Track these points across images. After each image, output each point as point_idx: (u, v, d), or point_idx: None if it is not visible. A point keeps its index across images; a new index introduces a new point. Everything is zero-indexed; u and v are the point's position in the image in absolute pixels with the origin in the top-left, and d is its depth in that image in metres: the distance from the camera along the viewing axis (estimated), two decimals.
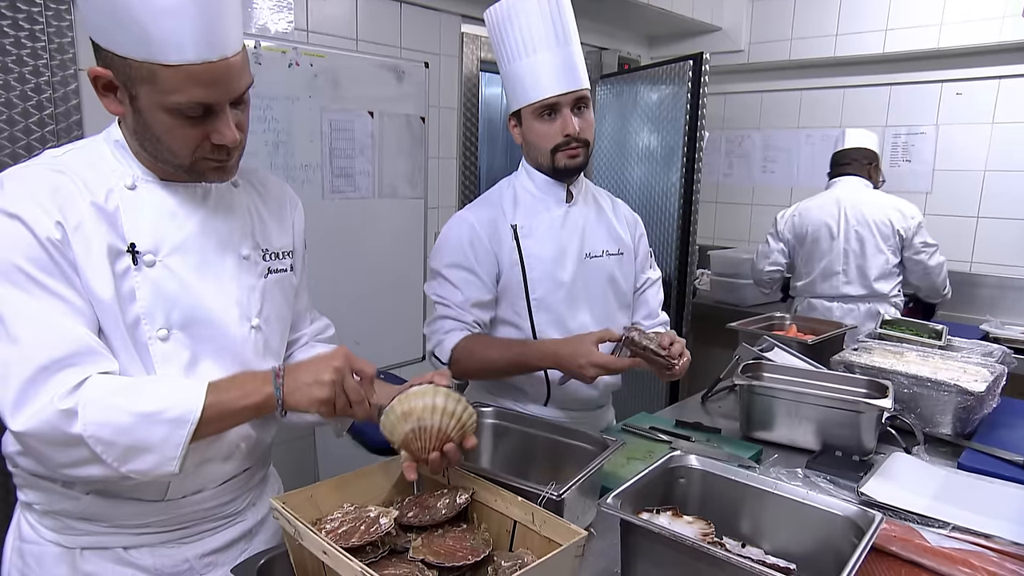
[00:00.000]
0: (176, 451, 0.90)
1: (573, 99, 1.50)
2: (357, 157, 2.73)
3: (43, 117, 1.91)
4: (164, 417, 0.89)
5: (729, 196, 4.24)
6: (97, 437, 0.87)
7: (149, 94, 0.90)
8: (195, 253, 1.02)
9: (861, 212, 2.86)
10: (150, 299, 0.98)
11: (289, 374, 0.97)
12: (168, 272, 0.99)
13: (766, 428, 1.66)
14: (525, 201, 1.61)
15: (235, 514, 1.15)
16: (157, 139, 0.95)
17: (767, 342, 2.01)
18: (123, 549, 1.04)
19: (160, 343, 0.99)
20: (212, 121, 0.94)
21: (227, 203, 1.09)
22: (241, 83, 0.95)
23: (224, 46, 0.91)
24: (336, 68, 2.59)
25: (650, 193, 3.34)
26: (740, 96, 4.07)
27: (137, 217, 0.98)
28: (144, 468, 0.90)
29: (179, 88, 0.89)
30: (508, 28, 1.50)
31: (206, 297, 1.03)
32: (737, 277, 3.59)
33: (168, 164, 0.98)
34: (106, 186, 0.97)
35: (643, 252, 1.77)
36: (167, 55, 0.87)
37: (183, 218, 1.02)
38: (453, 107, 3.10)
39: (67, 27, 1.92)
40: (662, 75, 3.26)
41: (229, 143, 0.95)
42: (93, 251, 0.93)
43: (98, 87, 0.94)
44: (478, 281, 1.54)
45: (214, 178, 1.02)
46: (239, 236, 1.09)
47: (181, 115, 0.91)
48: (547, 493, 1.06)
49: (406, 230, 2.96)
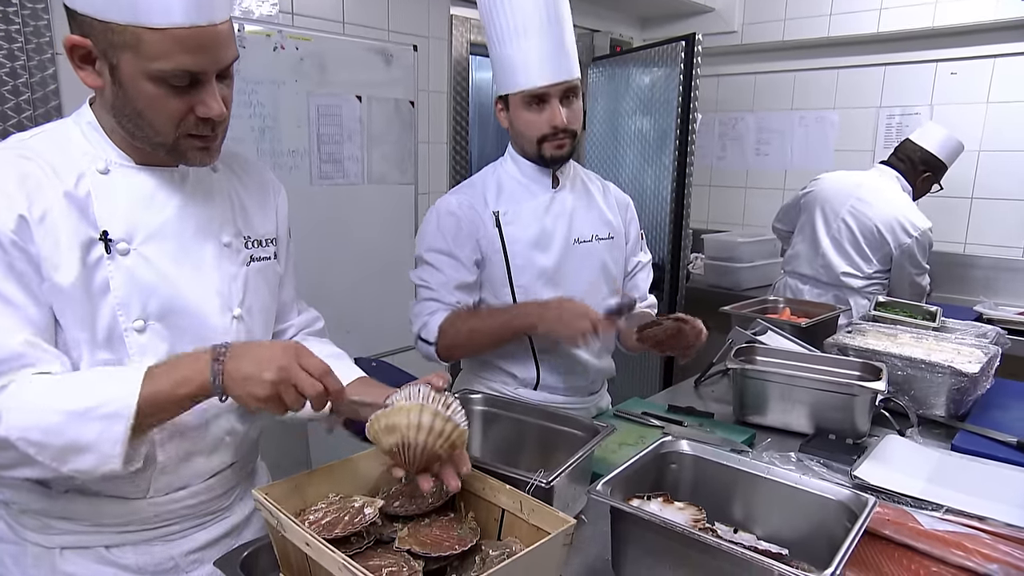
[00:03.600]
0: (115, 448, 0.84)
1: (562, 90, 1.47)
2: (345, 142, 2.69)
3: (19, 103, 1.86)
4: (97, 414, 0.83)
5: (723, 179, 4.21)
6: (27, 439, 0.83)
7: (132, 62, 0.85)
8: (172, 240, 0.98)
9: (864, 210, 2.71)
10: (125, 289, 0.94)
11: (232, 359, 0.86)
12: (143, 261, 0.96)
13: (759, 412, 1.64)
14: (509, 187, 1.58)
15: (222, 510, 1.12)
16: (138, 114, 0.90)
17: (760, 325, 2.00)
18: (105, 548, 1.02)
19: (136, 334, 0.95)
20: (198, 92, 0.90)
21: (206, 188, 1.05)
22: (228, 54, 0.91)
23: (212, 11, 0.87)
24: (323, 52, 2.55)
25: (643, 177, 3.31)
26: (733, 78, 4.03)
27: (110, 203, 0.94)
28: (85, 467, 0.85)
29: (165, 54, 0.84)
30: (499, 8, 1.46)
31: (184, 286, 0.99)
32: (731, 261, 3.57)
33: (149, 143, 0.94)
34: (76, 171, 0.93)
35: (634, 235, 1.75)
36: (153, 18, 0.83)
37: (160, 204, 0.98)
38: (443, 91, 3.06)
39: (42, 9, 1.87)
40: (654, 57, 3.22)
41: (215, 116, 0.91)
42: (61, 242, 0.89)
43: (74, 59, 0.89)
44: (459, 264, 1.53)
45: (196, 159, 0.96)
46: (219, 222, 1.05)
47: (166, 84, 0.87)
48: (536, 481, 1.05)
49: (396, 216, 2.93)
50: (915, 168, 2.75)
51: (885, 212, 2.68)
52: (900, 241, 2.64)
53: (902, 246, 2.64)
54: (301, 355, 0.87)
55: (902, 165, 2.78)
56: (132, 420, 0.84)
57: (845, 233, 2.75)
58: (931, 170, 2.75)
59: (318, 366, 0.87)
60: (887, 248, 2.67)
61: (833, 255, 2.78)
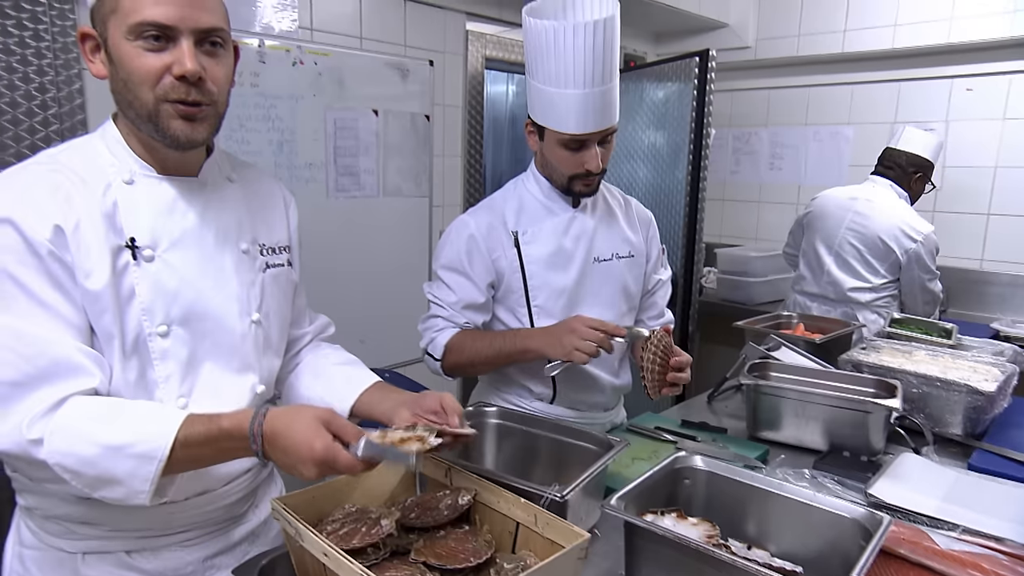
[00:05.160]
0: (145, 485, 0.87)
1: (602, 135, 1.47)
2: (361, 156, 2.73)
3: (47, 117, 1.91)
4: (131, 451, 0.86)
5: (736, 194, 4.21)
6: (62, 466, 0.86)
7: (115, 26, 0.91)
8: (194, 248, 1.01)
9: (864, 223, 2.72)
10: (150, 295, 0.97)
11: (271, 447, 0.88)
12: (167, 267, 0.98)
13: (773, 428, 1.64)
14: (530, 207, 1.59)
15: (238, 516, 1.14)
16: (125, 85, 0.93)
17: (774, 341, 1.99)
18: (125, 553, 1.03)
19: (160, 339, 0.98)
20: (173, 52, 0.92)
21: (223, 197, 1.08)
22: (204, 17, 0.93)
23: None
24: (340, 67, 2.59)
25: (656, 191, 3.32)
26: (747, 93, 4.04)
27: (135, 212, 0.97)
28: (115, 498, 0.88)
29: (138, 7, 0.90)
30: (549, 52, 1.40)
31: (206, 292, 1.02)
32: (744, 275, 3.57)
33: (139, 120, 0.96)
34: (104, 182, 0.96)
35: (655, 253, 1.75)
36: None
37: (181, 212, 1.01)
38: (458, 105, 3.09)
39: (71, 26, 1.92)
40: (668, 72, 3.24)
41: (188, 73, 0.92)
42: (92, 250, 0.92)
43: (85, 50, 0.96)
44: (471, 285, 1.54)
45: (177, 131, 0.95)
46: (237, 230, 1.08)
47: (140, 39, 0.91)
48: (550, 494, 1.05)
49: (411, 229, 2.95)
50: (905, 172, 2.77)
51: (885, 221, 2.69)
52: (905, 247, 2.64)
53: (908, 252, 2.64)
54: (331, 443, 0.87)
55: (891, 172, 2.79)
56: (164, 462, 0.86)
57: (848, 248, 2.76)
58: (920, 170, 2.77)
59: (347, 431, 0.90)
60: (893, 256, 2.67)
61: (838, 272, 2.78)
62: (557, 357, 1.41)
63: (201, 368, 1.03)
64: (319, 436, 0.86)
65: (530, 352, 1.46)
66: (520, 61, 3.41)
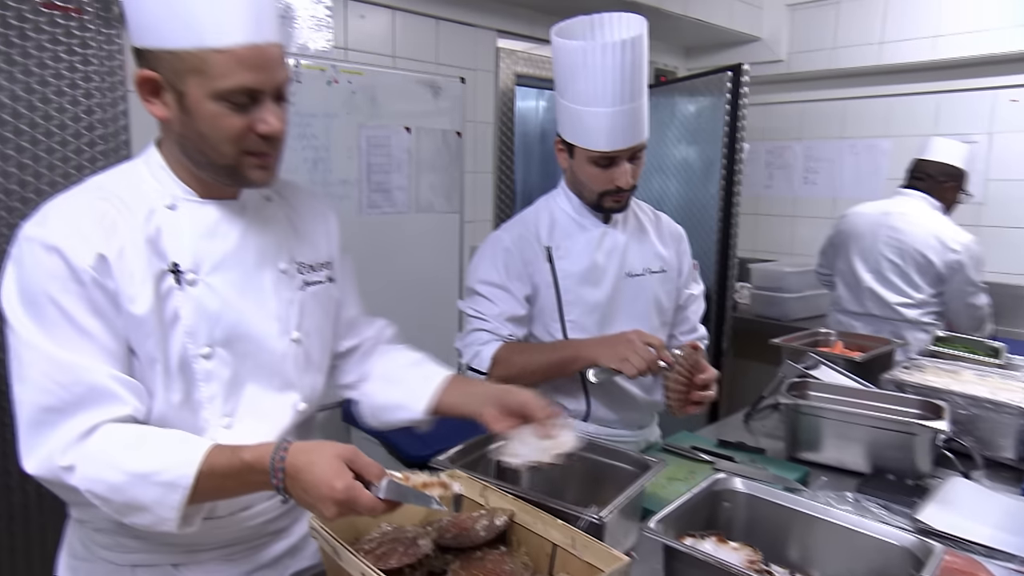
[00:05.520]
0: (171, 513, 0.87)
1: (632, 151, 1.47)
2: (394, 172, 2.75)
3: (93, 138, 1.97)
4: (157, 479, 0.87)
5: (770, 208, 4.16)
6: (93, 492, 0.88)
7: (198, 85, 0.91)
8: (235, 270, 1.03)
9: (900, 237, 2.65)
10: (193, 318, 0.98)
11: (291, 483, 0.87)
12: (209, 290, 1.00)
13: (813, 449, 1.60)
14: (562, 222, 1.59)
15: (280, 531, 1.14)
16: (202, 137, 0.94)
17: (812, 359, 1.95)
18: (172, 566, 1.04)
19: (203, 361, 0.99)
20: (256, 110, 0.94)
21: (263, 218, 1.09)
22: (282, 74, 0.96)
23: (267, 31, 0.93)
24: (373, 85, 2.63)
25: (688, 206, 3.29)
26: (780, 106, 4.00)
27: (178, 237, 0.99)
28: (143, 523, 0.89)
29: (227, 73, 0.90)
30: (578, 72, 1.41)
31: (247, 313, 1.03)
32: (779, 291, 3.51)
33: (211, 168, 0.98)
34: (147, 207, 0.98)
35: (687, 268, 1.74)
36: (217, 39, 0.89)
37: (222, 234, 1.03)
38: (489, 121, 3.11)
39: (117, 51, 1.99)
40: (700, 86, 3.22)
41: (275, 131, 0.95)
42: (136, 276, 0.94)
43: (144, 93, 0.95)
44: (511, 297, 1.54)
45: (256, 178, 0.99)
46: (275, 250, 1.09)
47: (227, 102, 0.92)
48: (588, 516, 1.04)
49: (442, 245, 2.97)
50: (937, 182, 2.69)
51: (921, 233, 2.62)
52: (947, 259, 2.57)
53: (950, 264, 2.56)
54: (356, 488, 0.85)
55: (923, 184, 2.72)
56: (189, 491, 0.87)
57: (886, 265, 2.69)
58: (952, 180, 2.69)
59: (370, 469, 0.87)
60: (934, 269, 2.59)
61: (880, 288, 2.72)
62: (609, 364, 1.39)
63: (244, 388, 1.04)
64: (340, 475, 0.84)
65: (581, 360, 1.45)
66: (550, 77, 3.41)
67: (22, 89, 1.84)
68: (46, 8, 1.85)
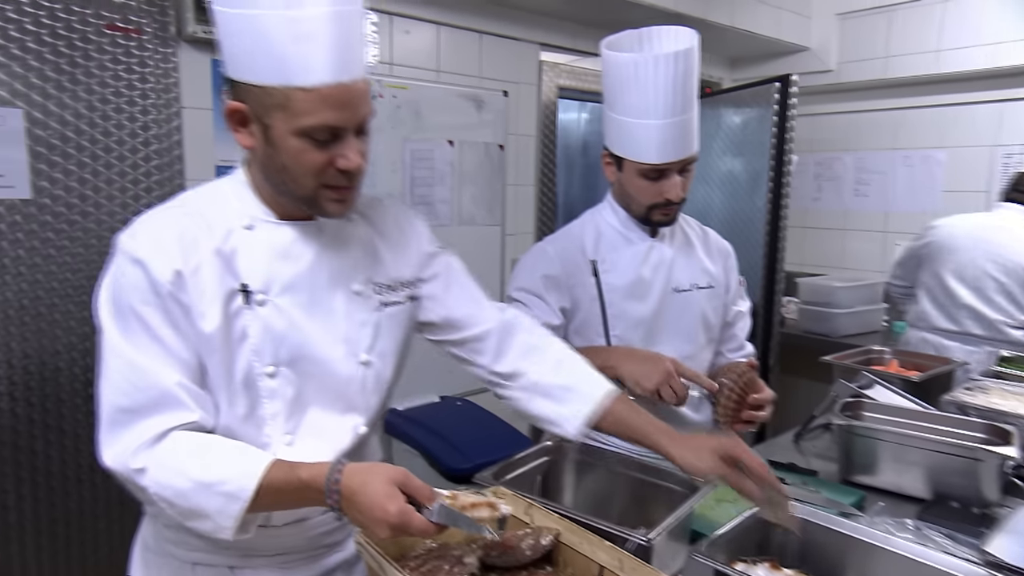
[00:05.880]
0: (229, 522, 0.90)
1: (682, 164, 1.46)
2: (437, 185, 2.77)
3: (148, 153, 2.04)
4: (219, 489, 0.90)
5: (818, 221, 4.06)
6: (160, 495, 0.92)
7: (282, 120, 0.93)
8: (305, 291, 1.04)
9: (1003, 253, 2.50)
10: (260, 337, 1.00)
11: (346, 504, 0.89)
12: (277, 311, 1.01)
13: (869, 472, 1.54)
14: (608, 236, 1.57)
15: (335, 544, 1.15)
16: (284, 168, 0.97)
17: (867, 378, 1.88)
18: (229, 569, 1.06)
19: (268, 379, 1.01)
20: (338, 146, 0.96)
21: (341, 238, 1.09)
22: (365, 110, 0.97)
23: (352, 70, 0.94)
24: (418, 99, 2.65)
25: (734, 218, 3.23)
26: (829, 117, 3.90)
27: (251, 257, 1.01)
28: (203, 529, 0.92)
29: (311, 110, 0.92)
30: (628, 84, 1.41)
31: (313, 335, 1.04)
32: (828, 306, 3.40)
33: (291, 196, 1.00)
34: (226, 227, 1.01)
35: (734, 284, 1.70)
36: (303, 78, 0.90)
37: (295, 256, 1.04)
38: (531, 134, 3.12)
39: (172, 69, 2.05)
40: (746, 98, 3.17)
41: (354, 168, 0.96)
42: (207, 293, 0.97)
43: (233, 122, 0.98)
44: (547, 307, 1.52)
45: (333, 211, 1.01)
46: (351, 271, 1.09)
47: (310, 139, 0.94)
48: (636, 538, 1.01)
49: (484, 257, 2.97)
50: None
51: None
52: None
53: None
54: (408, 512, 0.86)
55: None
56: (248, 503, 0.90)
57: (988, 282, 2.54)
58: None
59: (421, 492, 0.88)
60: None
61: (981, 306, 2.56)
62: (633, 388, 1.36)
63: (307, 408, 1.05)
64: (393, 499, 0.86)
65: (609, 371, 1.39)
66: (593, 89, 3.41)
67: (84, 107, 1.91)
68: (108, 30, 1.92)
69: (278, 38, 0.89)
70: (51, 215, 1.90)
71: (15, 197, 1.84)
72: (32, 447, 1.94)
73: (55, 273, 1.92)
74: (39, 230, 1.88)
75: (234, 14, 0.91)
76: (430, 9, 2.66)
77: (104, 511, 2.07)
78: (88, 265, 1.97)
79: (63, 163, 1.90)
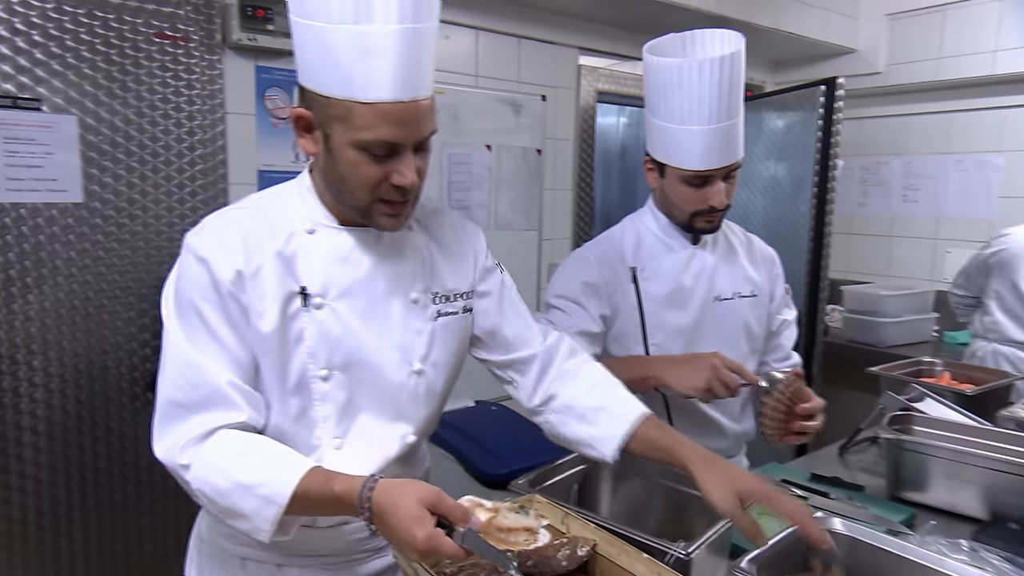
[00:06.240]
0: (266, 525, 0.91)
1: (726, 170, 1.43)
2: (474, 190, 2.78)
3: (194, 157, 2.09)
4: (257, 492, 0.91)
5: (865, 227, 3.94)
6: (202, 492, 0.93)
7: (342, 131, 0.94)
8: (362, 297, 1.04)
9: None
10: (315, 340, 1.01)
11: (378, 522, 0.88)
12: (334, 315, 1.02)
13: (919, 489, 1.47)
14: (648, 243, 1.54)
15: (379, 548, 1.15)
16: (341, 177, 0.98)
17: (917, 391, 1.81)
18: (276, 566, 1.08)
19: (321, 382, 1.02)
20: (394, 161, 0.96)
21: (400, 247, 1.10)
22: (426, 127, 0.97)
23: (416, 89, 0.93)
24: (456, 103, 2.66)
25: (776, 224, 3.16)
26: (877, 120, 3.79)
27: (312, 261, 1.02)
28: (241, 529, 0.93)
29: (370, 125, 0.92)
30: (671, 90, 1.38)
31: (368, 341, 1.04)
32: (874, 315, 3.30)
33: (347, 205, 1.02)
34: (288, 230, 1.02)
35: (779, 293, 1.66)
36: (365, 93, 0.91)
37: (354, 262, 1.05)
38: (569, 139, 3.10)
39: (218, 75, 2.10)
40: (790, 101, 3.10)
41: (408, 184, 0.96)
42: (267, 294, 0.98)
43: (298, 127, 1.00)
44: (586, 314, 1.49)
45: (385, 225, 1.02)
46: (409, 280, 1.09)
47: (367, 152, 0.94)
48: (675, 551, 0.99)
49: (520, 262, 2.97)
50: None
51: None
52: None
53: None
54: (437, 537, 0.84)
55: None
56: (284, 508, 0.90)
57: None
58: None
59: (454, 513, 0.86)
60: None
61: None
62: (681, 390, 1.32)
63: (358, 413, 1.05)
64: (422, 523, 0.84)
65: (651, 380, 1.38)
66: (632, 93, 3.38)
67: (134, 113, 1.97)
68: (157, 38, 1.98)
69: (344, 52, 0.90)
70: (101, 218, 1.96)
71: (68, 201, 1.90)
72: (81, 443, 2.00)
73: (104, 274, 1.98)
74: (89, 233, 1.95)
75: (305, 24, 0.92)
76: (469, 14, 2.66)
77: (148, 507, 2.13)
78: (135, 267, 2.02)
79: (113, 168, 1.96)
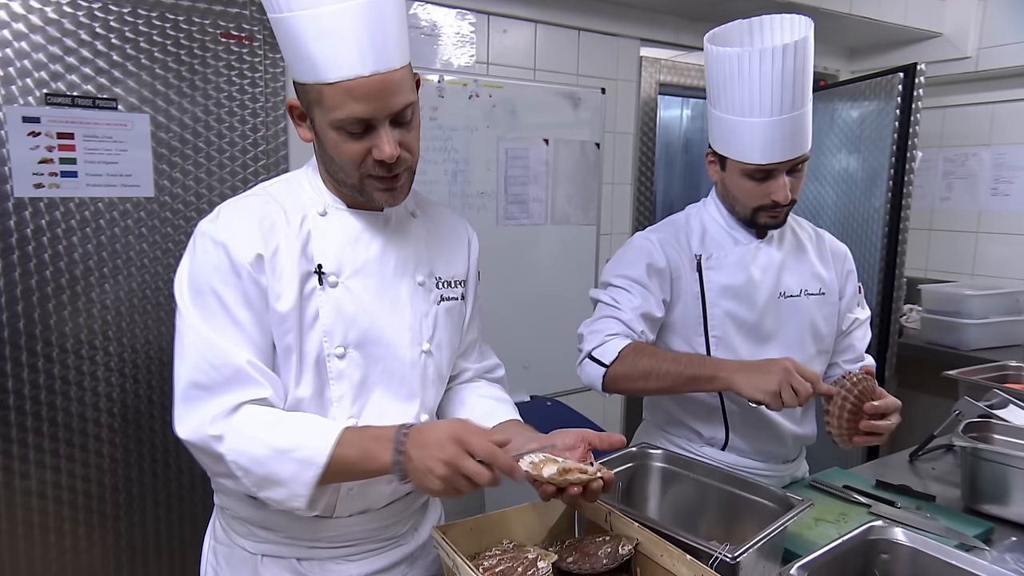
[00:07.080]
0: (304, 489, 0.93)
1: (791, 164, 1.37)
2: (531, 184, 2.77)
3: (257, 153, 2.16)
4: (295, 456, 0.92)
5: (947, 222, 3.70)
6: (237, 463, 0.94)
7: (320, 114, 0.98)
8: (374, 277, 1.07)
9: None
10: (331, 318, 1.03)
11: (411, 447, 0.92)
12: (348, 293, 1.05)
13: (998, 502, 1.38)
14: (714, 232, 1.49)
15: (397, 537, 1.17)
16: (331, 159, 1.02)
17: (998, 396, 1.69)
18: (296, 560, 1.09)
19: (337, 360, 1.04)
20: (372, 137, 0.98)
21: (406, 231, 1.13)
22: (397, 100, 0.97)
23: (377, 63, 0.94)
24: (514, 98, 2.65)
25: (848, 218, 3.01)
26: (963, 109, 3.55)
27: (325, 241, 1.05)
28: (276, 498, 0.95)
29: (339, 104, 0.95)
30: (732, 80, 1.33)
31: (381, 319, 1.07)
32: (956, 316, 3.10)
33: (344, 185, 1.05)
34: (302, 213, 1.06)
35: (851, 291, 1.57)
36: (327, 73, 0.94)
37: (365, 243, 1.08)
38: (629, 132, 3.04)
39: (280, 72, 2.17)
40: (865, 90, 2.94)
41: (387, 158, 0.98)
42: (285, 275, 1.01)
43: (293, 117, 1.05)
44: (651, 296, 1.44)
45: (380, 200, 1.04)
46: (415, 263, 1.13)
47: (343, 131, 0.97)
48: (721, 554, 0.95)
49: (577, 257, 2.94)
50: None
51: None
52: None
53: None
54: (467, 440, 0.89)
55: None
56: (323, 470, 0.92)
57: None
58: None
59: (485, 449, 0.88)
60: None
61: None
62: (752, 396, 1.24)
63: (372, 392, 1.07)
64: (452, 435, 0.89)
65: (718, 382, 1.30)
66: (696, 85, 3.28)
67: (201, 111, 2.06)
68: (223, 38, 2.06)
69: (304, 37, 0.93)
70: (170, 212, 2.05)
71: (140, 195, 2.00)
72: (152, 426, 2.10)
73: (172, 266, 2.07)
74: (159, 226, 2.04)
75: (277, 19, 0.96)
76: (528, 8, 2.65)
77: (177, 507, 2.19)
78: None
79: (181, 163, 2.05)
